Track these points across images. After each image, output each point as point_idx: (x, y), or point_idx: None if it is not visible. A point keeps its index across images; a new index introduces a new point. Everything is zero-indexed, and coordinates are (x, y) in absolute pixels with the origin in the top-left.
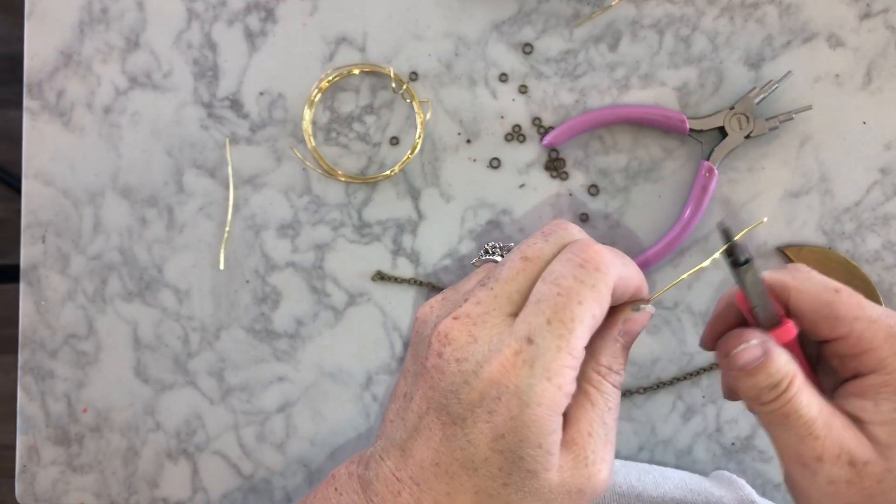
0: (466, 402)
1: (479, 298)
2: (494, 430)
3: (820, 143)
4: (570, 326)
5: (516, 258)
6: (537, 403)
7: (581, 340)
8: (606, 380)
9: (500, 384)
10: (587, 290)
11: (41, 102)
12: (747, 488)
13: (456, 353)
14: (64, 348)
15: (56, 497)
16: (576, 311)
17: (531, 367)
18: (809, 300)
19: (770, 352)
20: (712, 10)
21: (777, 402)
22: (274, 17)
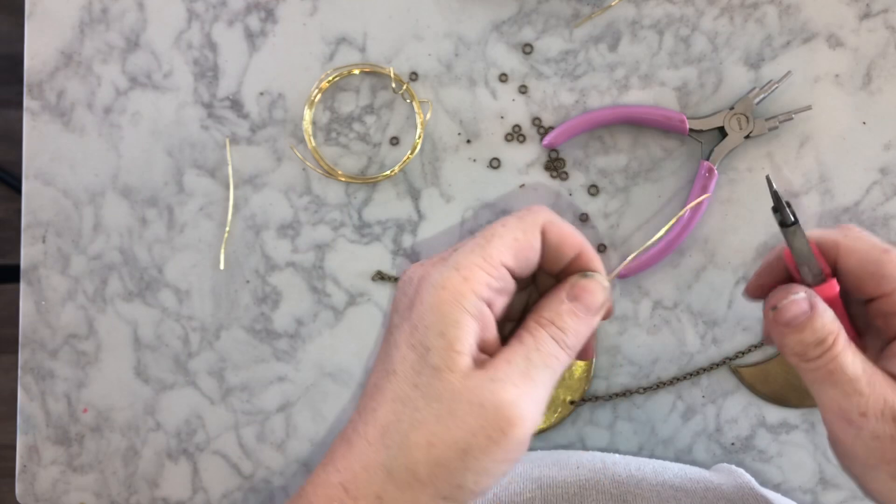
0: (401, 310)
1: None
2: (411, 323)
3: (819, 144)
4: (489, 238)
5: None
6: (441, 286)
7: (497, 251)
8: (543, 328)
9: (418, 279)
10: (515, 219)
11: (41, 102)
12: (746, 476)
13: (408, 277)
14: (64, 348)
15: (56, 497)
16: (497, 229)
17: (445, 261)
18: (858, 258)
19: (816, 307)
20: (712, 10)
21: (822, 358)
22: (274, 18)
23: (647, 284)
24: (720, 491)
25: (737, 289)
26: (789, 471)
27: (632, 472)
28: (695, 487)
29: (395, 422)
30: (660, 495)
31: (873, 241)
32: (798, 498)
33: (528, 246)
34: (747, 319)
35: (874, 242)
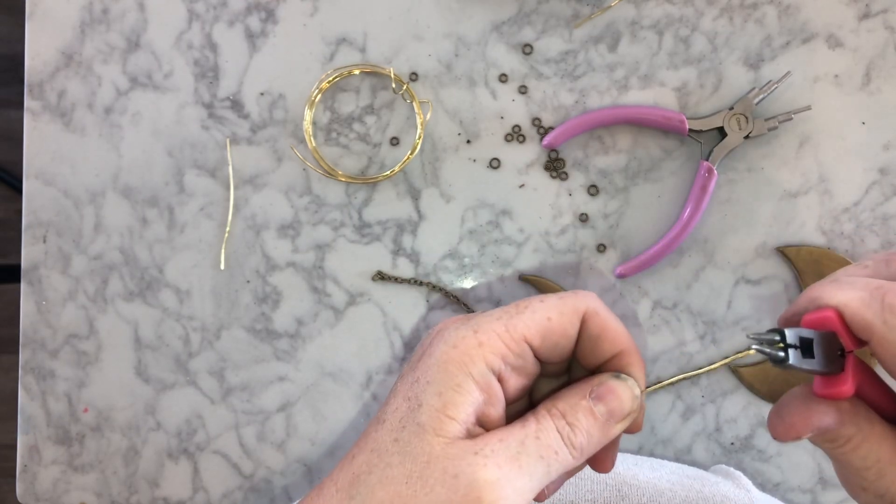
0: (411, 362)
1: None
2: (414, 375)
3: (819, 144)
4: (520, 310)
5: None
6: (453, 345)
7: (524, 325)
8: (551, 418)
9: (436, 332)
10: (555, 298)
11: (42, 103)
12: (745, 479)
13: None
14: (65, 348)
15: (57, 496)
16: (533, 303)
17: (466, 321)
18: (894, 353)
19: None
20: (711, 10)
21: (831, 452)
22: (274, 18)
23: (646, 284)
24: (718, 488)
25: (736, 289)
26: (789, 470)
27: (629, 465)
28: (691, 482)
29: (366, 473)
30: (656, 487)
31: None
32: (797, 498)
33: (560, 330)
34: (747, 320)
35: None
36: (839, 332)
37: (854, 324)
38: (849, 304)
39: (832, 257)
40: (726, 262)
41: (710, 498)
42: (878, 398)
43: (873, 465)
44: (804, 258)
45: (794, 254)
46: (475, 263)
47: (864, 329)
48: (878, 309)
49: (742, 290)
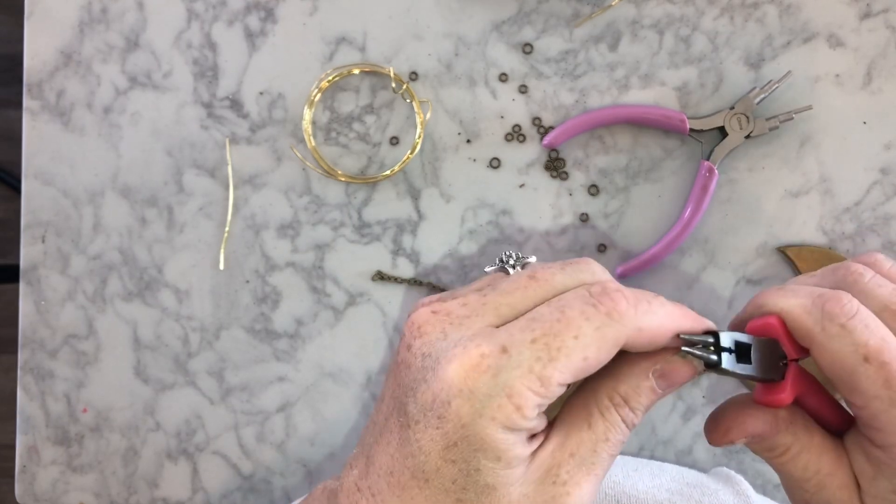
0: (421, 403)
1: (467, 301)
2: (446, 437)
3: (820, 143)
4: (554, 355)
5: (523, 274)
6: (491, 417)
7: (560, 375)
8: (617, 410)
9: (454, 386)
10: (591, 329)
11: (41, 102)
12: (745, 484)
13: (424, 346)
14: (64, 348)
15: (56, 497)
16: (568, 342)
17: (494, 376)
18: (831, 362)
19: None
20: (712, 10)
21: (770, 461)
22: (274, 17)
23: (647, 284)
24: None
25: (737, 289)
26: None
27: (629, 472)
28: (691, 492)
29: None
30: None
31: (855, 341)
32: None
33: (596, 364)
34: None
35: (855, 345)
36: (781, 340)
37: (795, 330)
38: (791, 310)
39: (833, 257)
40: (727, 262)
41: None
42: (822, 410)
43: (812, 476)
44: (805, 258)
45: (796, 254)
46: (475, 263)
47: (805, 336)
48: (818, 316)
49: (743, 290)
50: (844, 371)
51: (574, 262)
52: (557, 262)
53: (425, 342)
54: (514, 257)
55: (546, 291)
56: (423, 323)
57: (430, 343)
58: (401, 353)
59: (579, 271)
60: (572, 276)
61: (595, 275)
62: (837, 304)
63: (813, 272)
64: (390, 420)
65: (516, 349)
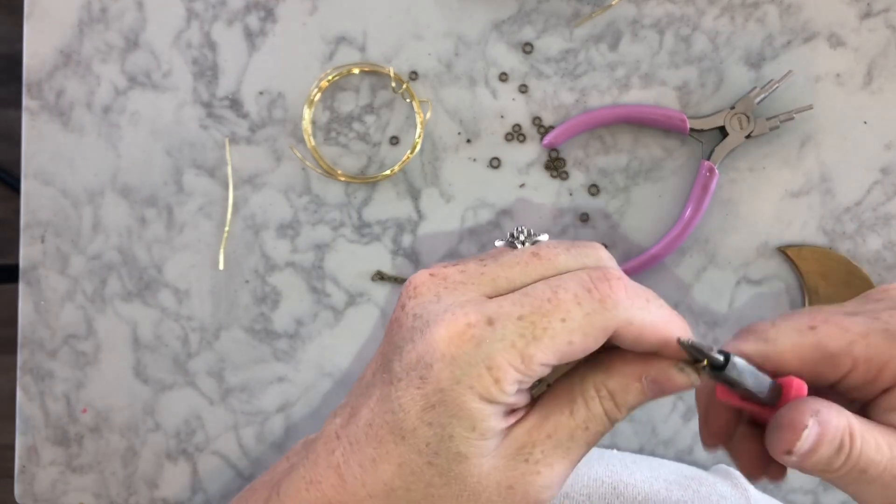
0: (406, 362)
1: (465, 268)
2: (425, 398)
3: (821, 143)
4: (539, 334)
5: (527, 250)
6: (468, 385)
7: (542, 355)
8: (601, 402)
9: (438, 349)
10: (580, 313)
11: (40, 102)
12: (743, 479)
13: (417, 307)
14: (63, 348)
15: (55, 497)
16: (555, 324)
17: (477, 346)
18: (792, 354)
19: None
20: (713, 9)
21: (848, 462)
22: (274, 17)
23: (647, 284)
24: (715, 488)
25: (737, 289)
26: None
27: (627, 464)
28: (689, 483)
29: (403, 488)
30: (652, 485)
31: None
32: (799, 499)
33: (582, 350)
34: (748, 320)
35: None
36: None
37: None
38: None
39: (834, 257)
40: (727, 262)
41: (706, 497)
42: None
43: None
44: (806, 258)
45: (796, 254)
46: None
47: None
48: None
49: (743, 290)
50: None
51: (582, 245)
52: (565, 241)
53: (418, 303)
54: (524, 233)
55: (546, 270)
56: (419, 284)
57: (422, 304)
58: (395, 312)
59: (585, 255)
60: (576, 259)
61: (601, 260)
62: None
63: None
64: (377, 375)
65: (502, 323)
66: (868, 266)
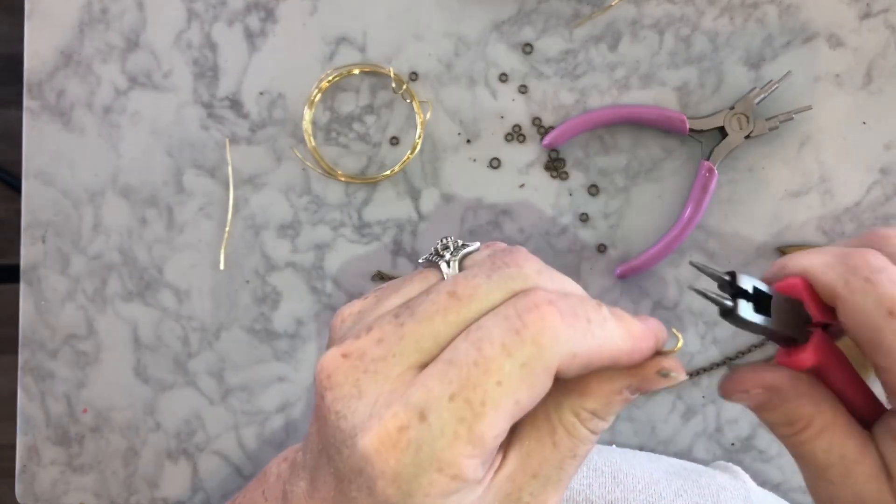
0: (348, 466)
1: (382, 334)
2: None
3: (820, 143)
4: (479, 411)
5: (443, 291)
6: (424, 494)
7: (493, 429)
8: (585, 425)
9: (374, 465)
10: (515, 367)
11: (41, 102)
12: (742, 472)
13: (337, 403)
14: (64, 348)
15: (56, 497)
16: (491, 391)
17: (416, 451)
18: (855, 317)
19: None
20: (712, 10)
21: (791, 440)
22: (274, 17)
23: (647, 284)
24: (715, 479)
25: None
26: (789, 471)
27: (626, 456)
28: (688, 474)
29: None
30: (652, 476)
31: (881, 295)
32: (799, 498)
33: (532, 402)
34: None
35: (880, 299)
36: (805, 301)
37: (819, 288)
38: (814, 268)
39: None
40: (727, 262)
41: (706, 487)
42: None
43: (837, 461)
44: None
45: None
46: None
47: (828, 293)
48: (842, 271)
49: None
50: (868, 328)
51: (503, 265)
52: (485, 258)
53: (337, 397)
54: (451, 248)
55: (470, 311)
56: (333, 371)
57: (342, 400)
58: (317, 400)
59: (509, 277)
60: (500, 285)
61: (527, 279)
62: (862, 259)
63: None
64: (321, 459)
65: (435, 413)
66: None
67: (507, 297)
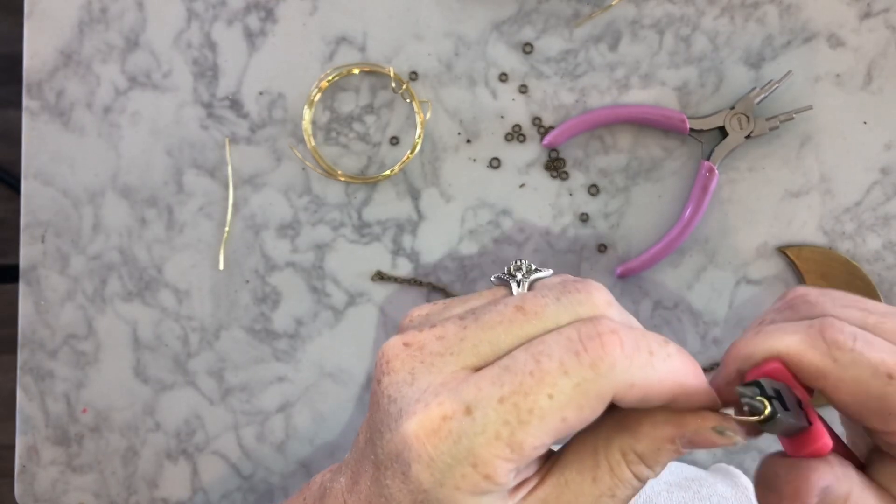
0: (387, 451)
1: (444, 332)
2: (412, 495)
3: (820, 143)
4: (525, 418)
5: (510, 305)
6: (454, 486)
7: (533, 439)
8: (630, 467)
9: (412, 448)
10: (568, 385)
11: (41, 102)
12: (744, 478)
13: (391, 387)
14: (63, 348)
15: (55, 497)
16: (542, 402)
17: (455, 442)
18: (854, 392)
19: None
20: (712, 9)
21: None
22: (274, 17)
23: (647, 284)
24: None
25: (737, 289)
26: None
27: None
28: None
29: None
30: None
31: (873, 362)
32: None
33: (579, 424)
34: (748, 320)
35: (874, 366)
36: (790, 384)
37: (803, 370)
38: (790, 350)
39: (834, 257)
40: (727, 263)
41: (707, 498)
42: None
43: None
44: (806, 258)
45: (796, 254)
46: (475, 263)
47: (815, 374)
48: (824, 348)
49: (743, 290)
50: (872, 398)
51: (573, 290)
52: (556, 283)
53: (392, 382)
54: (523, 269)
55: (534, 328)
56: (392, 357)
57: (395, 385)
58: (373, 385)
59: (578, 302)
60: (568, 309)
61: (596, 308)
62: (837, 330)
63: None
64: (367, 449)
65: (482, 410)
66: (868, 266)
67: (572, 321)
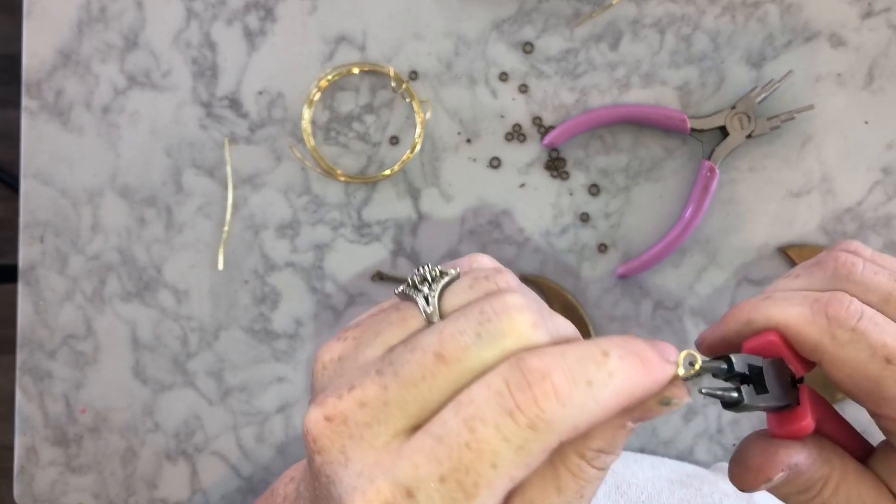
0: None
1: (364, 397)
2: None
3: (821, 143)
4: (472, 492)
5: (429, 352)
6: None
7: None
8: (592, 465)
9: None
10: (510, 451)
11: (40, 102)
12: None
13: (325, 467)
14: (62, 349)
15: (54, 498)
16: (485, 474)
17: None
18: (849, 371)
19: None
20: (713, 9)
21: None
22: (273, 17)
23: (648, 285)
24: (717, 486)
25: (738, 289)
26: None
27: (628, 463)
28: (690, 481)
29: None
30: (654, 485)
31: (873, 344)
32: None
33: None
34: None
35: (873, 348)
36: (787, 358)
37: (800, 344)
38: (791, 323)
39: None
40: (728, 263)
41: (709, 496)
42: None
43: None
44: (807, 258)
45: (797, 254)
46: None
47: (813, 349)
48: (824, 324)
49: (744, 290)
50: (867, 380)
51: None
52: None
53: (325, 461)
54: (429, 279)
55: (459, 377)
56: (318, 436)
57: (330, 465)
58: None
59: (500, 334)
60: (490, 346)
61: (520, 337)
62: (841, 307)
63: (795, 271)
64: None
65: (424, 493)
66: None
67: (498, 358)
